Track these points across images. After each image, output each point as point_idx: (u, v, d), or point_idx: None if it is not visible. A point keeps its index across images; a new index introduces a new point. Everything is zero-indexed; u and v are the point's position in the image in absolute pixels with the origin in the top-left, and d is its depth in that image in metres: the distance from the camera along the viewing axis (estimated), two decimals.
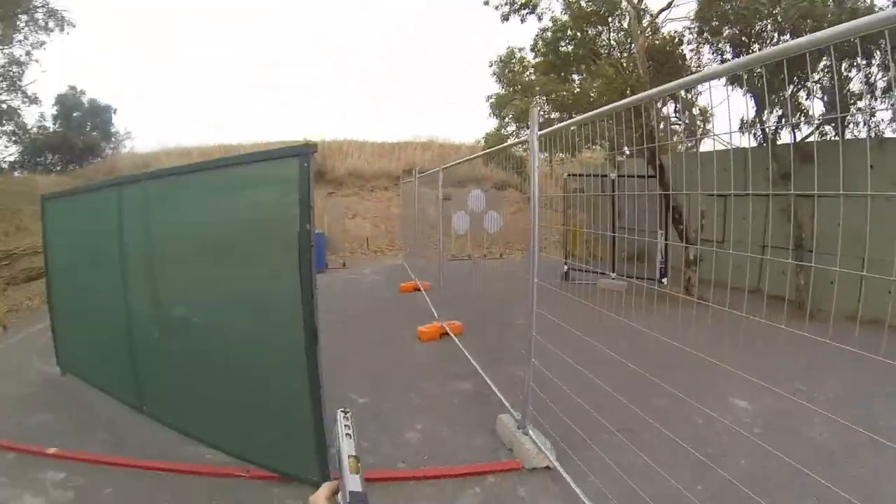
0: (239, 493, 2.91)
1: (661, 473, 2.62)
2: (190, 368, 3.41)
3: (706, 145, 9.82)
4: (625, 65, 7.86)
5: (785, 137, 7.54)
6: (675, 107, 8.57)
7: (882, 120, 7.20)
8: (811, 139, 7.36)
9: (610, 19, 7.90)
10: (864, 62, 6.54)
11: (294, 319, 2.59)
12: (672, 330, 6.06)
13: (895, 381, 4.14)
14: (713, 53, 7.53)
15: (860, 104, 6.99)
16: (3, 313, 7.30)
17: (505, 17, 8.24)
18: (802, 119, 6.99)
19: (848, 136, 7.38)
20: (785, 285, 6.98)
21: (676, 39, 8.06)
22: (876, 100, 6.83)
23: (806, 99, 6.87)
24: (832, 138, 7.30)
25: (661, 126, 7.73)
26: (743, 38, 6.74)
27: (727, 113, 6.79)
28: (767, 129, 7.52)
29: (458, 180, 13.55)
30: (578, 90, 8.20)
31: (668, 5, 7.79)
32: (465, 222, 11.85)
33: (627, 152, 8.08)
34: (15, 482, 3.14)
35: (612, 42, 8.33)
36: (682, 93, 7.93)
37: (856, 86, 6.88)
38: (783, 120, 7.22)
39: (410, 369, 5.07)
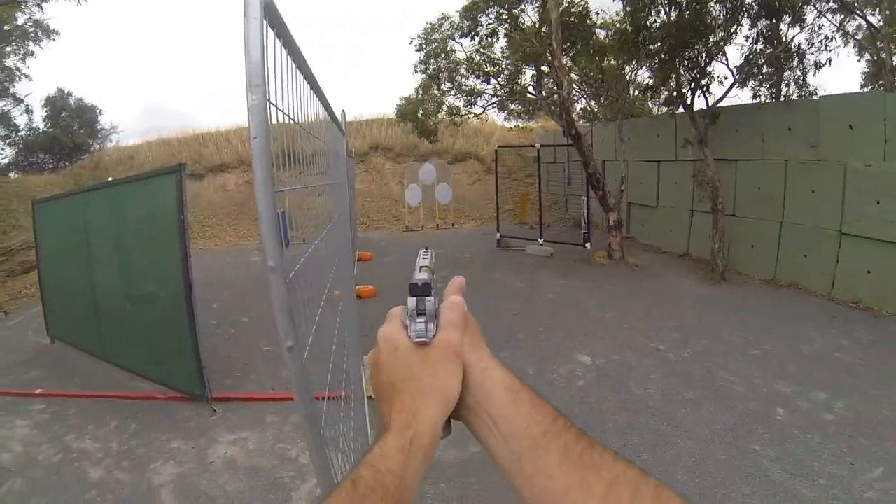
0: (159, 409, 4.15)
1: None
2: (127, 321, 4.71)
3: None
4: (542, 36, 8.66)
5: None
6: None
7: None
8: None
9: None
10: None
11: (180, 278, 3.78)
12: (573, 289, 7.03)
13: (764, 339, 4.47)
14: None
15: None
16: (3, 301, 8.49)
17: None
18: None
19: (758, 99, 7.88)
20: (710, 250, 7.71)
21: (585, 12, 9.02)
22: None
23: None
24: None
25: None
26: None
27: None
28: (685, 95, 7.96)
29: (420, 154, 14.26)
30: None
31: None
32: (418, 195, 12.16)
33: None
34: (10, 413, 4.32)
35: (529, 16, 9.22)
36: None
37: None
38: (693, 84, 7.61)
39: None
